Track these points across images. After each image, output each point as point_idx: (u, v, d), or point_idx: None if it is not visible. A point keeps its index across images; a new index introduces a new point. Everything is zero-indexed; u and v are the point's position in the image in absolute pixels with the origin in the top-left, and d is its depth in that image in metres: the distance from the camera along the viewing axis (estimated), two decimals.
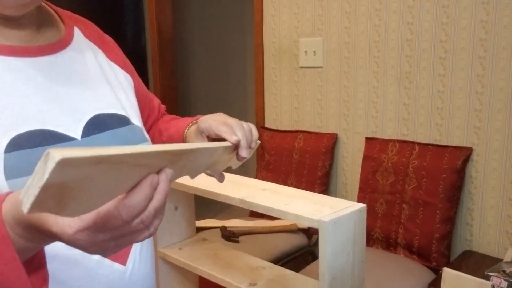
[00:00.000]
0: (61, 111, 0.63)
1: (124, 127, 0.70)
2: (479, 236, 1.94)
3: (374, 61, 2.14)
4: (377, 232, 2.06)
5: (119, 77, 0.77)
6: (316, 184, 2.29)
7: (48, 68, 0.65)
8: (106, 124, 0.68)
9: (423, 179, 1.92)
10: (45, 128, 0.60)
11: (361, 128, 2.24)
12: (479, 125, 1.88)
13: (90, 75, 0.71)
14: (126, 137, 0.70)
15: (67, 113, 0.64)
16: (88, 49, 0.74)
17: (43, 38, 0.68)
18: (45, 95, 0.63)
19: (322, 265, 1.05)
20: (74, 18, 0.77)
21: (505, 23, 1.77)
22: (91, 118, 0.66)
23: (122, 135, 0.69)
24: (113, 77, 0.75)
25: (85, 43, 0.74)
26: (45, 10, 0.71)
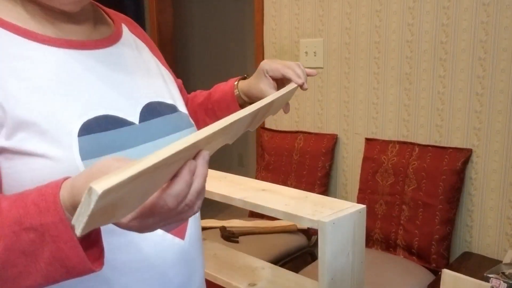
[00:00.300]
0: (120, 98, 0.69)
1: (172, 113, 0.76)
2: (478, 238, 1.94)
3: (375, 62, 2.14)
4: (376, 233, 2.06)
5: (161, 70, 0.84)
6: (316, 184, 2.29)
7: (105, 60, 0.71)
8: (158, 111, 0.74)
9: (423, 180, 1.92)
10: (109, 113, 0.66)
11: (361, 129, 2.24)
12: (479, 127, 1.88)
13: (139, 67, 0.77)
14: (176, 123, 0.76)
15: (125, 100, 0.70)
16: (135, 44, 0.81)
17: (98, 33, 0.74)
18: (106, 83, 0.69)
19: (322, 265, 1.05)
20: (120, 15, 0.85)
21: (505, 24, 1.77)
22: (145, 105, 0.72)
23: (171, 120, 0.75)
24: (157, 69, 0.82)
25: (132, 39, 0.81)
26: (96, 8, 0.79)
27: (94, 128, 0.63)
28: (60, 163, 0.59)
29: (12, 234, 0.50)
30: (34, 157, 0.58)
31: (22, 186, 0.57)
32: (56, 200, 0.50)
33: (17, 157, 0.59)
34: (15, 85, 0.60)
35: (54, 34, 0.67)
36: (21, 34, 0.63)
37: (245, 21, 3.93)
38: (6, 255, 0.50)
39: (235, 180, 1.37)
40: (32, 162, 0.58)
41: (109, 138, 0.63)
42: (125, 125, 0.67)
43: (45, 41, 0.65)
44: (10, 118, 0.58)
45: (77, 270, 0.52)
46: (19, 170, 0.59)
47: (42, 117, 0.60)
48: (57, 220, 0.50)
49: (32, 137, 0.59)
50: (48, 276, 0.52)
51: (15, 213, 0.51)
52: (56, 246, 0.50)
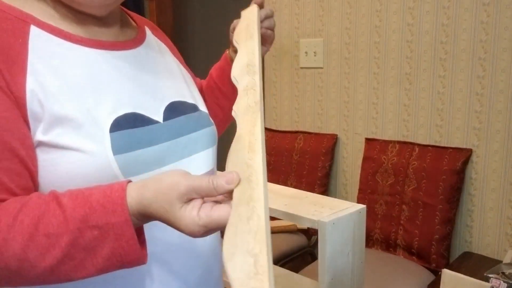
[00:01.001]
0: (146, 97, 0.73)
1: (194, 112, 0.80)
2: (478, 238, 1.94)
3: (375, 62, 2.14)
4: (376, 233, 2.06)
5: (182, 71, 0.88)
6: (316, 184, 2.29)
7: (132, 60, 0.75)
8: (180, 110, 0.78)
9: (423, 180, 1.92)
10: (136, 111, 0.70)
11: (361, 129, 2.24)
12: (479, 127, 1.88)
13: (162, 68, 0.81)
14: (197, 121, 0.80)
15: (151, 99, 0.74)
16: (157, 46, 0.85)
17: (125, 35, 0.78)
18: (133, 83, 0.73)
19: (322, 265, 1.05)
20: (143, 19, 0.89)
21: (505, 24, 1.77)
22: (169, 104, 0.76)
23: (194, 119, 0.79)
24: (178, 70, 0.86)
25: (154, 41, 0.85)
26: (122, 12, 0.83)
27: (123, 125, 0.67)
28: (93, 157, 0.63)
29: (77, 230, 0.55)
30: (70, 151, 0.62)
31: (58, 177, 0.62)
32: (123, 202, 0.56)
33: (54, 150, 0.62)
34: (53, 82, 0.63)
35: (85, 35, 0.70)
36: (57, 34, 0.67)
37: None
38: (67, 250, 0.55)
39: None
40: (68, 156, 0.62)
41: (137, 135, 0.68)
42: (151, 123, 0.71)
43: (78, 41, 0.69)
44: (48, 114, 0.62)
45: (131, 264, 0.58)
46: (55, 163, 0.63)
47: (78, 114, 0.64)
48: (122, 221, 0.55)
49: (68, 132, 0.63)
50: (102, 269, 0.57)
51: (81, 211, 0.55)
52: (118, 244, 0.56)
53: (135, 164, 0.66)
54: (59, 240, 0.55)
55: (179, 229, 0.55)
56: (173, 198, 0.54)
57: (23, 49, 0.63)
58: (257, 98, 0.66)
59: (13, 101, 0.60)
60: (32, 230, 0.55)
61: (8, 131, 0.59)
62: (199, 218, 0.54)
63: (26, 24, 0.65)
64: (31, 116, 0.61)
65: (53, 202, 0.57)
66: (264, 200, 0.52)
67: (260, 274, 0.44)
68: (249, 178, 0.55)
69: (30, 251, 0.55)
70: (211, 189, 0.55)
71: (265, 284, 0.42)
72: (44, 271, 0.56)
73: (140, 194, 0.56)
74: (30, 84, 0.61)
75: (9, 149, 0.59)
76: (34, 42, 0.64)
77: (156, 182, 0.56)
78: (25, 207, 0.56)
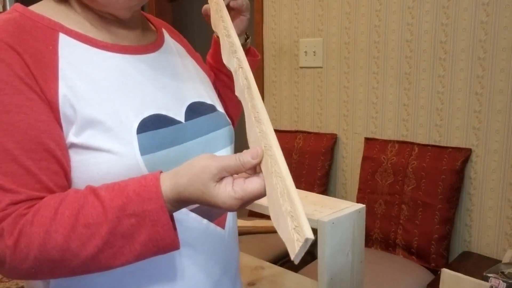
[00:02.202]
0: (168, 98, 0.76)
1: (213, 113, 0.83)
2: (478, 237, 1.94)
3: (374, 61, 2.14)
4: (376, 233, 2.06)
5: (199, 72, 0.90)
6: (315, 184, 2.29)
7: (154, 64, 0.78)
8: (200, 110, 0.80)
9: (422, 180, 1.92)
10: (160, 113, 0.73)
11: (360, 128, 2.24)
12: (478, 126, 1.88)
13: (181, 70, 0.84)
14: (216, 121, 0.82)
15: (172, 101, 0.76)
16: (175, 48, 0.87)
17: (146, 39, 0.81)
18: (155, 85, 0.75)
19: (321, 265, 1.05)
20: (160, 21, 0.91)
21: (504, 24, 1.77)
22: (189, 105, 0.79)
23: (213, 119, 0.82)
24: (195, 72, 0.88)
25: (172, 43, 0.88)
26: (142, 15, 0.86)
27: (149, 126, 0.70)
28: (123, 158, 0.66)
29: (115, 219, 0.59)
30: (100, 152, 0.65)
31: (90, 177, 0.65)
32: (158, 190, 0.60)
33: (85, 152, 0.65)
34: (83, 87, 0.66)
35: (109, 40, 0.73)
36: (83, 40, 0.70)
37: None
38: (107, 238, 0.59)
39: None
40: (98, 157, 0.65)
41: (162, 135, 0.71)
42: (174, 123, 0.74)
43: (103, 47, 0.72)
44: (80, 117, 0.65)
45: (166, 249, 0.62)
46: (87, 164, 0.66)
47: (107, 116, 0.66)
48: (158, 207, 0.60)
49: (98, 134, 0.66)
50: (139, 256, 0.61)
51: (119, 201, 0.60)
52: (154, 230, 0.60)
53: (161, 163, 0.69)
54: (99, 229, 0.59)
55: (217, 205, 0.59)
56: (207, 180, 0.59)
57: (54, 56, 0.66)
58: (246, 74, 0.69)
59: (47, 105, 0.64)
60: (73, 221, 0.59)
61: (45, 133, 0.63)
62: (235, 192, 0.58)
63: (55, 32, 0.68)
64: (64, 119, 0.65)
65: (91, 195, 0.61)
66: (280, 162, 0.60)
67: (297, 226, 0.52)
68: (265, 147, 0.62)
69: (72, 241, 0.58)
70: (239, 166, 0.59)
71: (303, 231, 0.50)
72: (85, 260, 0.59)
73: (174, 182, 0.60)
74: (62, 89, 0.65)
75: (47, 150, 0.63)
76: (63, 49, 0.68)
77: (188, 168, 0.60)
78: (64, 201, 0.60)
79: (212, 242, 0.78)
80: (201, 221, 0.76)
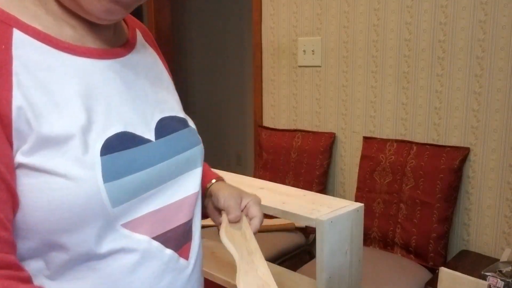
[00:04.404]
0: (136, 113, 0.66)
1: (185, 129, 0.74)
2: (476, 236, 1.94)
3: (373, 60, 2.15)
4: (374, 232, 2.07)
5: (170, 83, 0.80)
6: (314, 183, 2.29)
7: (122, 71, 0.68)
8: (171, 126, 0.71)
9: (421, 179, 1.93)
10: (127, 130, 0.63)
11: (359, 127, 2.24)
12: (476, 125, 1.89)
13: (152, 78, 0.74)
14: (188, 139, 0.74)
15: (141, 116, 0.67)
16: (147, 52, 0.77)
17: (117, 39, 0.70)
18: (123, 97, 0.66)
19: (319, 264, 1.06)
20: (134, 20, 0.79)
21: (503, 23, 1.77)
22: (159, 121, 0.70)
23: (185, 137, 0.73)
24: (167, 81, 0.79)
25: (145, 46, 0.77)
26: None
27: (115, 146, 0.60)
28: (81, 185, 0.56)
29: None
30: (54, 176, 0.55)
31: (38, 206, 0.55)
32: None
33: (36, 174, 0.55)
34: (40, 98, 0.56)
35: (74, 40, 0.63)
36: (42, 39, 0.59)
37: (243, 20, 3.92)
38: None
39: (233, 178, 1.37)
40: (52, 182, 0.55)
41: (130, 157, 0.62)
42: (142, 142, 0.65)
43: (66, 48, 0.61)
44: (35, 134, 0.55)
45: None
46: (36, 189, 0.55)
47: (67, 134, 0.57)
48: None
49: (55, 155, 0.56)
50: None
51: None
52: None
53: (125, 191, 0.60)
54: None
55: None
56: None
57: (7, 58, 0.55)
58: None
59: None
60: None
61: None
62: None
63: (8, 28, 0.57)
64: (16, 136, 0.54)
65: None
66: None
67: None
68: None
69: None
70: None
71: None
72: None
73: None
74: (16, 99, 0.54)
75: None
76: (18, 49, 0.56)
77: None
78: None
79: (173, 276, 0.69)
80: (164, 251, 0.67)
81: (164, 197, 0.67)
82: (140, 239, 0.63)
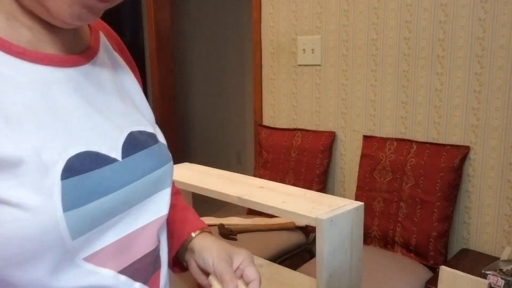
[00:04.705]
0: (100, 129, 0.58)
1: (155, 144, 0.65)
2: (476, 235, 1.94)
3: (372, 59, 2.14)
4: (374, 230, 2.07)
5: (139, 91, 0.71)
6: (314, 182, 2.29)
7: (85, 80, 0.59)
8: (140, 143, 0.63)
9: (421, 178, 1.93)
10: (90, 149, 0.55)
11: (359, 126, 2.24)
12: (476, 124, 1.88)
13: (118, 87, 0.65)
14: (158, 157, 0.65)
15: (106, 131, 0.58)
16: (112, 58, 0.68)
17: (78, 43, 0.62)
18: (85, 111, 0.57)
19: (320, 263, 1.05)
20: (98, 21, 0.70)
21: (503, 21, 1.77)
22: (127, 136, 0.61)
23: (155, 153, 0.64)
24: (135, 90, 0.70)
25: (109, 51, 0.68)
26: None
27: (77, 168, 0.52)
28: (37, 215, 0.47)
29: None
30: (6, 206, 0.46)
31: None
32: None
33: None
34: None
35: (28, 44, 0.54)
36: None
37: (243, 19, 3.92)
38: None
39: (233, 177, 1.37)
40: (3, 213, 0.46)
41: (93, 181, 0.53)
42: (108, 162, 0.56)
43: (18, 54, 0.52)
44: None
45: None
46: None
47: (20, 156, 0.48)
48: None
49: (6, 180, 0.47)
50: None
51: None
52: None
53: (87, 220, 0.52)
54: None
55: None
56: None
57: None
58: None
59: None
60: None
61: None
62: None
63: None
64: None
65: None
66: None
67: None
68: None
69: None
70: None
71: None
72: None
73: None
74: None
75: None
76: None
77: None
78: None
79: None
80: (133, 285, 0.60)
81: (129, 224, 0.60)
82: (105, 274, 0.56)
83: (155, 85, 3.40)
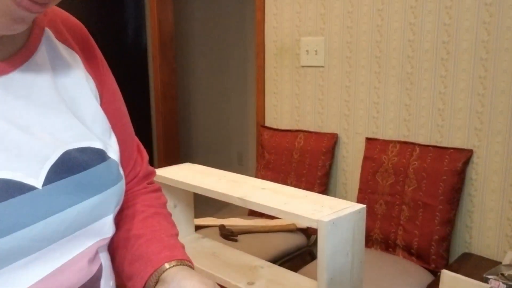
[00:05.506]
0: (21, 149, 0.49)
1: (101, 164, 0.56)
2: (478, 239, 1.93)
3: (376, 61, 2.14)
4: (376, 233, 2.06)
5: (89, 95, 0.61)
6: (315, 184, 2.29)
7: (9, 92, 0.50)
8: (78, 163, 0.53)
9: (423, 181, 1.92)
10: (7, 177, 0.46)
11: (361, 128, 2.23)
12: (480, 127, 1.88)
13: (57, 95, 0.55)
14: (101, 178, 0.55)
15: (29, 153, 0.49)
16: (58, 57, 0.58)
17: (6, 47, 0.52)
18: (9, 128, 0.49)
19: (321, 265, 1.05)
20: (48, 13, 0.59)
21: (508, 24, 1.76)
22: (60, 156, 0.52)
23: (97, 176, 0.55)
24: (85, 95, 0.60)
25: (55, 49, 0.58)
26: None
27: None
28: None
29: None
30: None
31: None
32: None
33: None
34: None
35: None
36: None
37: (246, 19, 3.92)
38: None
39: (234, 178, 1.36)
40: None
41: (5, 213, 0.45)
42: (21, 191, 0.47)
43: None
44: None
45: None
46: None
47: None
48: None
49: None
50: None
51: None
52: None
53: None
54: None
55: None
56: None
57: None
58: None
59: None
60: None
61: None
62: None
63: None
64: None
65: None
66: None
67: None
68: None
69: None
70: None
71: None
72: None
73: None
74: None
75: None
76: None
77: None
78: None
79: None
80: None
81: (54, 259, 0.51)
82: None
83: (157, 85, 3.40)
